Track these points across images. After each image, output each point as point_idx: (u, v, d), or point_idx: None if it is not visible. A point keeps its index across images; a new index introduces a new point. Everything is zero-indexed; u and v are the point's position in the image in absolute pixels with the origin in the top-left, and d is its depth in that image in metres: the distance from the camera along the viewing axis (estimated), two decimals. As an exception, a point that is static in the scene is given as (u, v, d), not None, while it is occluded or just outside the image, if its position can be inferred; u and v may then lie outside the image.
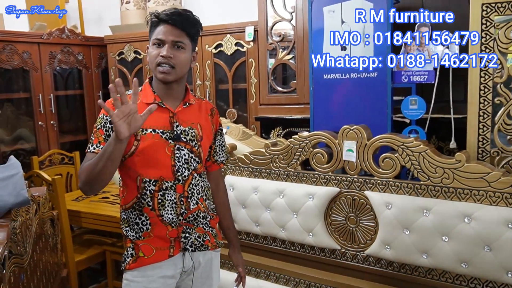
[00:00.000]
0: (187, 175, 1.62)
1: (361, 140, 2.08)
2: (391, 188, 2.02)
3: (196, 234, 1.67)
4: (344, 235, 2.18)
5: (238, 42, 3.40)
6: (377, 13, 2.28)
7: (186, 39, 1.58)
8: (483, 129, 2.00)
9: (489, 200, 1.81)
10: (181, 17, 1.56)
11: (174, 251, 1.62)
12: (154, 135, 1.57)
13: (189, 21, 1.58)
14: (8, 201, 1.47)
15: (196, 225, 1.67)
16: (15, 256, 1.44)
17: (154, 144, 1.57)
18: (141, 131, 1.56)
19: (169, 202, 1.60)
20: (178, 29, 1.55)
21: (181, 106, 1.64)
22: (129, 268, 1.62)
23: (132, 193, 1.61)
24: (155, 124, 1.58)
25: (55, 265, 2.23)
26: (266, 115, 3.20)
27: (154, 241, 1.61)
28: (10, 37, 3.43)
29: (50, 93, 3.72)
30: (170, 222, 1.61)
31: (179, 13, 1.56)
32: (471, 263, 1.84)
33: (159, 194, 1.59)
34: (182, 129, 1.62)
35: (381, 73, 2.31)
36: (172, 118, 1.61)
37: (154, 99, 1.60)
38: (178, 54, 1.56)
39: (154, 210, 1.59)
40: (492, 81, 1.96)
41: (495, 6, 1.92)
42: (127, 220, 1.64)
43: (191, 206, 1.64)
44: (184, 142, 1.61)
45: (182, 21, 1.56)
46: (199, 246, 1.67)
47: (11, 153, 3.54)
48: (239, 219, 2.46)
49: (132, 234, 1.63)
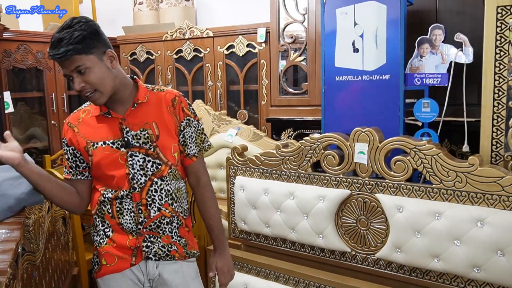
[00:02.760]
0: (144, 181, 1.54)
1: (372, 143, 2.07)
2: (402, 191, 2.01)
3: (161, 244, 1.59)
4: (355, 237, 2.17)
5: (250, 43, 3.41)
6: (390, 15, 2.27)
7: (83, 58, 1.40)
8: (496, 133, 1.98)
9: (502, 205, 1.79)
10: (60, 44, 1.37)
11: (136, 260, 1.58)
12: (105, 147, 1.52)
13: (72, 43, 1.37)
14: (23, 199, 1.48)
15: (162, 233, 1.59)
16: (28, 254, 1.45)
17: (105, 157, 1.52)
18: (92, 145, 1.53)
19: (127, 211, 1.55)
20: (67, 60, 1.39)
21: (129, 109, 1.53)
22: (96, 276, 1.63)
23: (94, 201, 1.61)
24: (105, 136, 1.53)
25: (66, 263, 2.24)
26: (277, 117, 3.20)
27: (115, 249, 1.58)
28: (25, 37, 3.47)
29: (63, 92, 3.76)
30: (130, 230, 1.56)
31: (58, 40, 1.38)
32: (484, 268, 1.82)
33: (117, 202, 1.55)
34: (133, 133, 1.52)
35: (394, 75, 2.30)
36: (121, 124, 1.52)
37: (100, 110, 1.53)
38: (88, 78, 1.42)
39: (114, 218, 1.57)
40: (507, 84, 1.94)
41: (510, 8, 1.90)
42: (94, 226, 1.64)
43: (152, 214, 1.56)
44: (137, 147, 1.52)
45: (64, 50, 1.37)
46: (164, 256, 1.59)
47: (24, 152, 3.56)
48: (249, 220, 2.46)
49: (98, 240, 1.61)
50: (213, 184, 3.18)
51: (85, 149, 1.55)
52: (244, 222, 2.49)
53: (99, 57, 1.44)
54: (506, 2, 1.91)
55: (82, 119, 1.57)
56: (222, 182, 3.19)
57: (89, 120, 1.56)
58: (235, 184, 2.50)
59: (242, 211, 2.48)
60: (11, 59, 3.40)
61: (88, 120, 1.56)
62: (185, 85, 3.85)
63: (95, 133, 1.54)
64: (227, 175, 2.56)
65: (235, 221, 2.55)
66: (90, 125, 1.56)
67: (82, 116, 1.58)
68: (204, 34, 3.63)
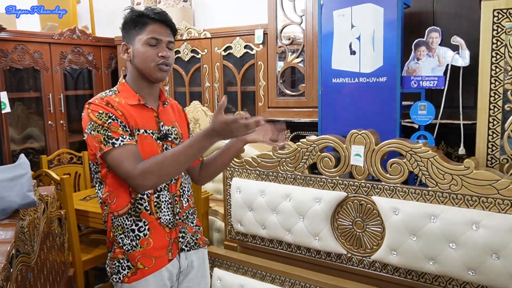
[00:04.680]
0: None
1: (369, 145, 2.07)
2: (398, 194, 2.01)
3: (190, 234, 1.67)
4: (351, 240, 2.17)
5: (247, 44, 3.41)
6: (387, 18, 2.27)
7: (173, 38, 1.58)
8: (492, 136, 1.99)
9: (497, 208, 1.80)
10: (167, 16, 1.56)
11: (172, 254, 1.60)
12: (146, 136, 1.53)
13: (172, 21, 1.58)
14: (15, 202, 1.47)
15: (189, 224, 1.67)
16: (22, 255, 1.45)
17: (146, 145, 1.51)
18: (137, 130, 1.51)
19: (164, 204, 1.57)
20: (169, 28, 1.55)
21: (161, 106, 1.62)
22: (128, 281, 1.55)
23: (124, 198, 1.53)
24: (146, 125, 1.54)
25: (62, 264, 2.24)
26: (274, 118, 3.20)
27: (151, 251, 1.55)
28: (22, 37, 3.46)
29: (60, 93, 3.76)
30: (168, 223, 1.58)
31: (165, 13, 1.56)
32: (479, 271, 1.82)
33: (154, 196, 1.55)
34: (167, 128, 1.60)
35: (391, 78, 2.30)
36: (157, 117, 1.59)
37: (138, 100, 1.55)
38: (171, 54, 1.56)
39: (152, 214, 1.55)
40: (503, 88, 1.94)
41: (506, 12, 1.91)
42: (121, 227, 1.55)
43: (184, 204, 1.64)
44: (170, 141, 1.59)
45: (171, 21, 1.56)
46: (193, 245, 1.68)
47: (21, 152, 3.57)
48: (245, 222, 2.46)
49: (129, 243, 1.54)
50: (209, 185, 3.20)
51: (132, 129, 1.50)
52: (240, 223, 2.49)
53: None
54: (503, 6, 1.91)
55: (118, 103, 1.51)
56: (218, 183, 3.19)
57: (126, 107, 1.52)
58: (232, 185, 2.50)
59: (238, 213, 2.47)
60: (8, 59, 3.40)
61: (125, 106, 1.52)
62: (182, 86, 3.85)
63: (137, 119, 1.52)
64: (223, 176, 2.56)
65: (232, 223, 2.55)
66: (129, 111, 1.51)
67: (117, 100, 1.52)
68: (202, 35, 3.63)
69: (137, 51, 1.53)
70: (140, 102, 1.55)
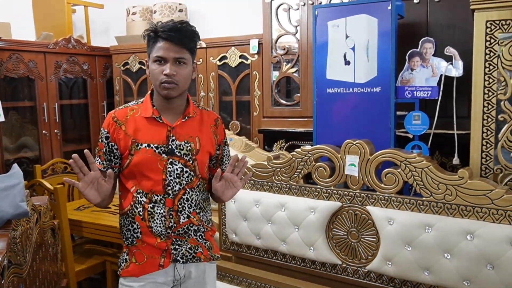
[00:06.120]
0: (178, 189, 1.62)
1: (363, 155, 2.07)
2: (393, 204, 2.01)
3: (188, 246, 1.66)
4: (346, 250, 2.16)
5: (242, 54, 3.42)
6: (381, 28, 2.29)
7: (187, 53, 1.57)
8: (486, 146, 1.99)
9: (492, 218, 1.80)
10: (179, 32, 1.54)
11: (165, 262, 1.63)
12: (148, 150, 1.59)
13: (187, 36, 1.56)
14: (8, 212, 1.46)
15: (188, 237, 1.67)
16: (14, 266, 1.44)
17: (146, 159, 1.59)
18: (136, 146, 1.59)
19: (158, 215, 1.61)
20: (177, 45, 1.54)
21: (180, 120, 1.64)
22: (122, 274, 1.66)
23: (127, 201, 1.65)
24: (151, 139, 1.60)
25: (54, 274, 2.22)
26: (269, 128, 3.20)
27: (146, 248, 1.64)
28: (17, 46, 3.45)
29: (54, 102, 3.74)
30: (159, 234, 1.62)
31: (177, 29, 1.54)
32: (473, 281, 1.82)
33: (149, 206, 1.61)
34: (178, 143, 1.61)
35: (385, 88, 2.31)
36: (169, 132, 1.61)
37: (152, 113, 1.62)
38: (180, 71, 1.56)
39: (144, 220, 1.62)
40: (496, 98, 1.96)
41: (499, 23, 1.93)
42: (122, 225, 1.69)
43: (181, 220, 1.64)
44: (178, 157, 1.61)
45: (181, 37, 1.54)
46: (191, 257, 1.67)
47: (15, 161, 3.55)
48: (240, 232, 2.45)
49: (129, 237, 1.66)
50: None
51: (128, 149, 1.60)
52: (235, 233, 2.48)
53: (192, 60, 1.62)
54: (495, 17, 1.93)
55: (130, 116, 1.63)
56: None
57: (137, 119, 1.62)
58: (226, 195, 2.49)
59: (233, 223, 2.47)
60: (3, 68, 3.38)
61: (136, 119, 1.62)
62: (177, 96, 3.85)
63: (141, 133, 1.61)
64: (218, 186, 2.55)
65: (226, 233, 2.54)
66: (137, 124, 1.62)
67: (129, 114, 1.64)
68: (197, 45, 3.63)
69: (149, 68, 1.60)
70: (153, 116, 1.61)
